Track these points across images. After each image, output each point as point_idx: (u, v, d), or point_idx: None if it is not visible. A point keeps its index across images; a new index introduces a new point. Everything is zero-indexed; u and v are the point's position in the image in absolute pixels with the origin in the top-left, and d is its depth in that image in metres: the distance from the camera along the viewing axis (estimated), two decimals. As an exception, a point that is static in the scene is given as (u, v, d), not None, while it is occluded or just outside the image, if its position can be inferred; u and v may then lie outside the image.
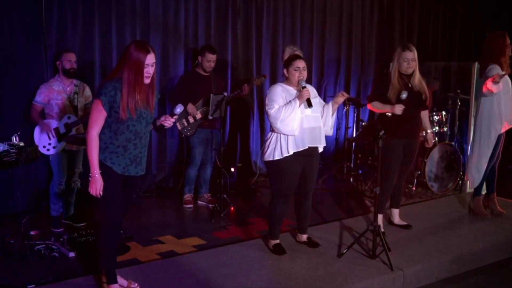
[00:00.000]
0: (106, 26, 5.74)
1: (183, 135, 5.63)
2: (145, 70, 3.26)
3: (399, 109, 4.43)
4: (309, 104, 3.97)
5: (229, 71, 6.72)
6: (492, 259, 4.56)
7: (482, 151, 5.18)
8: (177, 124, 5.55)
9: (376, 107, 4.65)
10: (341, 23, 7.72)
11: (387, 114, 4.50)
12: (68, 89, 4.90)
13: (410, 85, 4.55)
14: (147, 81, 3.31)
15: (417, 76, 4.60)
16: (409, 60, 4.51)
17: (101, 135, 3.34)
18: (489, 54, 5.04)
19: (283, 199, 4.23)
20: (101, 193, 3.32)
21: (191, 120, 5.51)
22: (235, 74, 6.80)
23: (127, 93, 3.25)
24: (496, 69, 4.96)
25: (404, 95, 4.41)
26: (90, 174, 3.31)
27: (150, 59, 3.28)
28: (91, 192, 3.33)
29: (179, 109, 3.58)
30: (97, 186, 3.30)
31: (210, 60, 5.51)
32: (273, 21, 7.05)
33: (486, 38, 5.16)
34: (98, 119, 3.29)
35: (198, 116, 5.48)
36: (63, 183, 4.96)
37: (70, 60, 4.85)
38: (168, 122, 3.53)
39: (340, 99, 4.16)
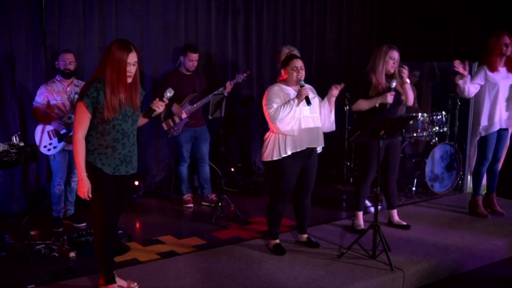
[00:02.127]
0: (106, 26, 5.74)
1: (170, 135, 5.64)
2: (127, 69, 3.26)
3: (390, 97, 4.43)
4: (308, 101, 3.96)
5: (229, 71, 6.71)
6: (492, 259, 4.55)
7: (471, 152, 5.27)
8: (163, 124, 5.57)
9: (362, 105, 4.60)
10: (341, 23, 7.71)
11: (376, 106, 4.50)
12: (68, 89, 4.90)
13: (393, 79, 4.56)
14: (128, 80, 3.31)
15: (396, 76, 4.62)
16: (395, 60, 4.54)
17: (88, 137, 3.34)
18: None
19: (281, 199, 4.23)
20: (90, 195, 3.33)
21: (177, 120, 5.53)
22: (235, 74, 6.79)
23: (110, 92, 3.25)
24: (480, 71, 5.03)
25: (394, 83, 4.44)
26: (77, 177, 3.33)
27: (132, 58, 3.28)
28: (79, 195, 3.35)
29: (169, 93, 3.60)
30: (84, 189, 3.31)
31: (192, 60, 5.53)
32: (273, 21, 7.04)
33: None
34: (83, 121, 3.28)
35: (184, 115, 5.49)
36: (63, 184, 4.96)
37: (65, 61, 4.86)
38: (156, 105, 3.51)
39: (335, 91, 4.15)
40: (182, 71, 5.61)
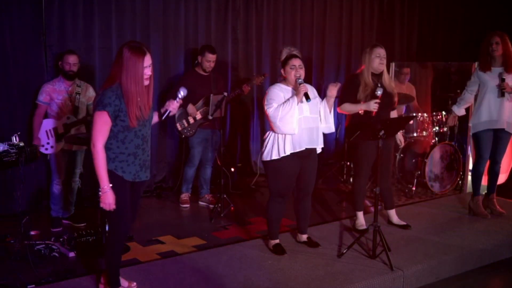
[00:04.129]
0: (106, 26, 5.74)
1: (183, 136, 5.63)
2: (144, 72, 3.16)
3: (374, 105, 4.38)
4: (307, 97, 3.95)
5: (229, 71, 6.72)
6: (492, 259, 4.55)
7: (471, 151, 5.35)
8: (177, 124, 5.54)
9: (346, 109, 4.58)
10: (341, 23, 7.71)
11: (359, 112, 4.48)
12: (70, 89, 4.91)
13: (379, 85, 4.54)
14: (146, 83, 3.22)
15: (387, 76, 4.61)
16: (381, 56, 4.50)
17: (108, 145, 3.22)
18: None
19: (281, 199, 4.23)
20: (115, 206, 3.22)
21: (191, 120, 5.51)
22: (235, 74, 6.80)
23: (129, 100, 3.13)
24: (474, 72, 5.20)
25: (379, 92, 4.39)
26: (100, 189, 3.18)
27: (147, 61, 3.17)
28: (103, 208, 3.21)
29: (182, 92, 3.53)
30: (110, 201, 3.19)
31: (210, 60, 5.51)
32: (273, 21, 7.05)
33: None
34: (104, 130, 3.16)
35: (198, 116, 5.48)
36: (61, 183, 4.97)
37: (69, 62, 4.85)
38: (173, 106, 3.45)
39: (333, 91, 4.13)
40: (199, 71, 5.60)
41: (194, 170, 5.77)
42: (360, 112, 4.49)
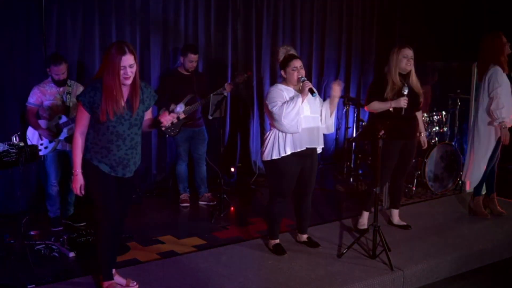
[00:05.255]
0: (106, 26, 5.74)
1: (167, 136, 5.65)
2: (121, 72, 3.21)
3: (404, 101, 4.45)
4: (312, 92, 3.95)
5: (229, 71, 6.71)
6: (492, 259, 4.56)
7: (481, 152, 5.15)
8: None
9: (375, 107, 4.61)
10: (341, 23, 7.71)
11: (390, 109, 4.52)
12: (61, 89, 4.88)
13: (405, 84, 4.56)
14: (127, 82, 3.27)
15: (414, 76, 4.63)
16: (409, 57, 4.53)
17: (87, 134, 3.38)
18: (489, 55, 5.03)
19: (281, 199, 4.23)
20: (83, 192, 3.39)
21: (175, 120, 5.51)
22: (235, 74, 6.79)
23: (105, 95, 3.24)
24: (497, 72, 4.92)
25: (405, 91, 4.46)
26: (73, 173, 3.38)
27: (126, 60, 3.21)
28: (74, 191, 3.40)
29: (179, 108, 3.62)
30: (76, 185, 3.38)
31: (192, 60, 5.52)
32: (273, 21, 7.04)
33: (482, 39, 5.16)
34: (81, 119, 3.34)
35: (182, 116, 5.47)
36: (57, 184, 4.96)
37: (58, 74, 4.76)
38: (164, 118, 3.48)
39: (338, 91, 4.13)
40: (181, 71, 5.61)
41: (185, 166, 5.78)
42: (390, 109, 4.52)
